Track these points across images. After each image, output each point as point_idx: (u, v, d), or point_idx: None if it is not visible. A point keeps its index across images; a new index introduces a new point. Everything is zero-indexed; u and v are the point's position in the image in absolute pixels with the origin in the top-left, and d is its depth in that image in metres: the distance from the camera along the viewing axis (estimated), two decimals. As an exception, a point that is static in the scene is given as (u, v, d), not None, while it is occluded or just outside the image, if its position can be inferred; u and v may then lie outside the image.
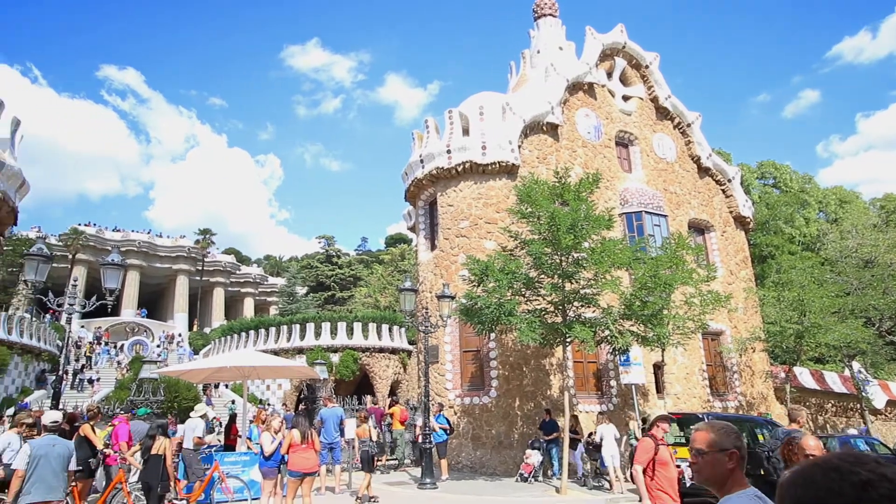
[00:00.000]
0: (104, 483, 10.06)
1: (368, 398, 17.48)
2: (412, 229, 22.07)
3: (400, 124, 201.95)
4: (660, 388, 17.35)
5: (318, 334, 32.16)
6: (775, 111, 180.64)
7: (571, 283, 12.80)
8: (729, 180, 22.63)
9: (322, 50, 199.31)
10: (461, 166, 17.14)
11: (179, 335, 50.37)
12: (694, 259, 16.74)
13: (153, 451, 7.82)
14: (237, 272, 66.34)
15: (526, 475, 13.26)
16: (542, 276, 12.89)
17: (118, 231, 57.83)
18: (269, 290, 68.45)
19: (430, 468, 12.49)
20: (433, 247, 18.22)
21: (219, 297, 63.10)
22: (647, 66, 22.09)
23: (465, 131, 17.72)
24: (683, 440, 11.46)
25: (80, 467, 8.72)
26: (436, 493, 11.97)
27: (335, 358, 30.21)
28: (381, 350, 32.10)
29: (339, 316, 35.62)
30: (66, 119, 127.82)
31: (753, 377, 20.28)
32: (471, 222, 16.82)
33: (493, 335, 14.82)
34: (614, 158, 20.08)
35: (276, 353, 28.46)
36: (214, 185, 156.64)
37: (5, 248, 15.81)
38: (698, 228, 21.52)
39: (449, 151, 17.34)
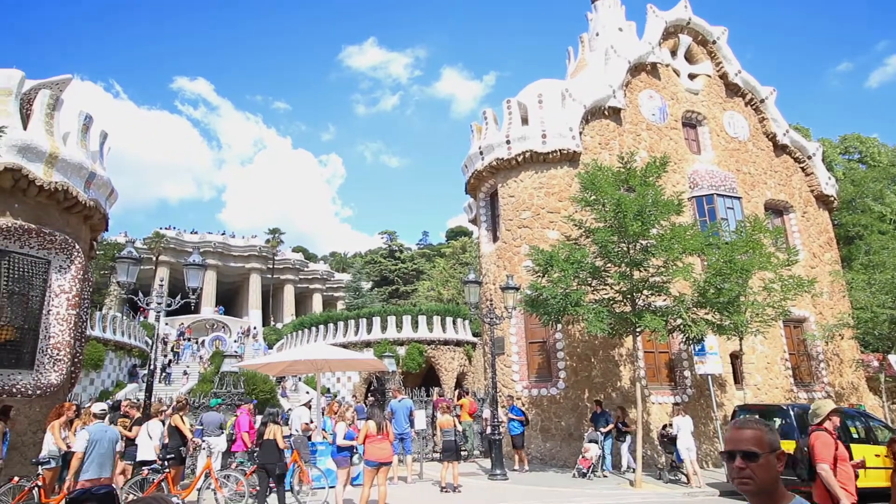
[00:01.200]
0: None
1: (436, 390, 17.64)
2: (473, 222, 22.07)
3: (457, 118, 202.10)
4: (738, 379, 16.60)
5: (384, 328, 32.83)
6: (858, 81, 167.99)
7: (640, 272, 12.44)
8: (809, 157, 21.25)
9: (378, 48, 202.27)
10: (521, 156, 16.96)
11: (254, 329, 52.73)
12: (772, 242, 15.89)
13: (266, 437, 8.62)
14: (305, 269, 68.63)
15: (584, 470, 12.72)
16: (609, 264, 12.60)
17: (195, 233, 61.07)
18: (335, 285, 70.42)
19: (499, 459, 12.51)
20: (495, 238, 18.16)
21: (289, 293, 65.53)
22: (713, 42, 21.05)
23: (524, 120, 17.51)
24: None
25: (172, 454, 9.34)
26: (507, 484, 11.99)
27: (401, 351, 30.75)
28: (446, 342, 32.38)
29: (403, 309, 36.22)
30: (145, 129, 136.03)
31: (842, 366, 19.04)
32: (533, 212, 16.63)
33: (559, 326, 14.63)
34: (682, 140, 19.29)
35: (344, 346, 29.26)
36: (281, 186, 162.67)
37: (98, 252, 17.07)
38: (776, 210, 20.36)
39: (508, 142, 17.20)
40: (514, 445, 13.94)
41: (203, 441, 10.63)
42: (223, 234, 63.80)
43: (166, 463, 8.89)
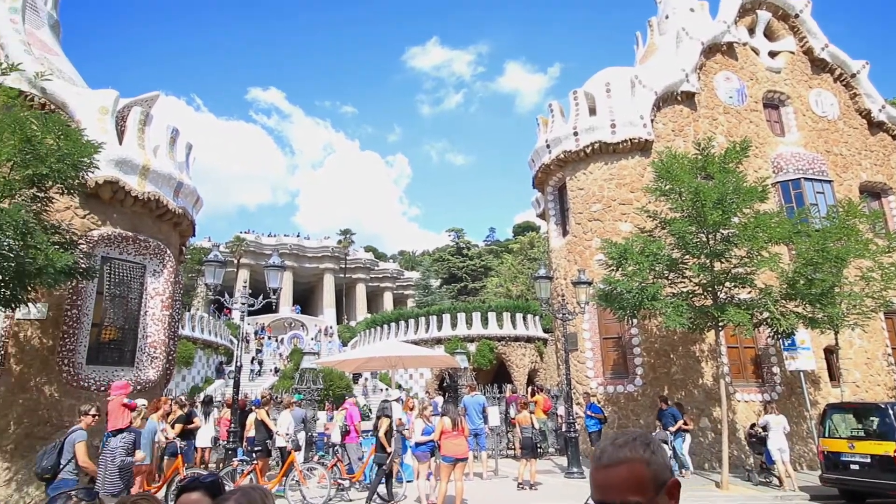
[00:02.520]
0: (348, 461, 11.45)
1: (508, 387, 17.61)
2: (541, 216, 21.78)
3: (521, 112, 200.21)
4: (834, 375, 15.48)
5: (454, 325, 33.06)
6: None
7: (721, 263, 11.85)
8: (910, 134, 19.48)
9: (441, 47, 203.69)
10: (590, 147, 16.55)
11: (330, 328, 54.53)
12: (870, 228, 14.71)
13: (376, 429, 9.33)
14: (376, 268, 70.20)
15: None
16: (688, 256, 12.08)
17: (273, 236, 63.87)
18: (405, 283, 71.60)
19: (576, 457, 12.31)
20: (565, 232, 17.85)
21: (361, 292, 67.27)
22: (796, 16, 19.69)
23: (592, 111, 17.07)
24: (862, 433, 10.18)
25: (260, 447, 9.82)
26: (584, 482, 11.78)
27: (472, 347, 30.84)
28: (517, 339, 32.18)
29: (472, 306, 36.30)
30: (224, 139, 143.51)
31: (955, 361, 17.35)
32: (603, 205, 16.21)
33: (635, 321, 14.18)
34: (763, 122, 18.20)
35: (415, 343, 29.68)
36: (350, 188, 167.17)
37: (186, 256, 18.17)
38: (872, 193, 18.81)
39: (576, 133, 16.83)
40: (592, 443, 13.68)
41: (287, 435, 11.11)
42: (298, 236, 66.39)
43: (254, 455, 9.36)
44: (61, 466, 6.45)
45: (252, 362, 35.90)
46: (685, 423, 12.72)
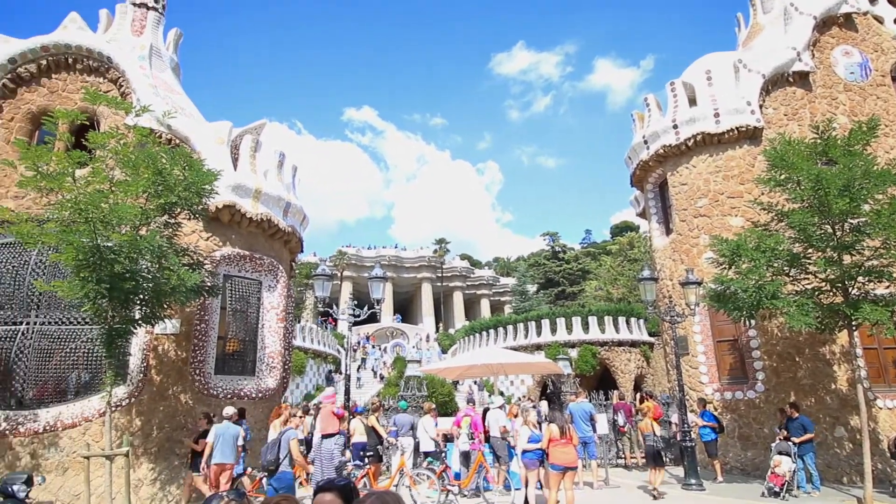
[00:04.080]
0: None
1: (614, 393, 17.00)
2: (641, 215, 20.90)
3: (613, 109, 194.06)
4: None
5: (553, 330, 32.51)
6: None
7: (852, 256, 10.74)
8: None
9: (527, 51, 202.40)
10: (691, 140, 15.69)
11: (428, 336, 55.56)
12: None
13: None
14: (472, 276, 70.71)
15: (776, 488, 10.62)
16: (811, 250, 11.08)
17: (372, 249, 66.36)
18: (501, 290, 71.49)
19: (694, 468, 11.63)
20: (668, 231, 17.00)
21: (458, 299, 68.02)
22: (929, -25, 17.53)
23: (692, 101, 16.18)
24: None
25: (371, 452, 10.18)
26: (704, 495, 11.09)
27: (573, 353, 30.16)
28: (620, 343, 31.07)
29: (572, 311, 35.55)
30: (323, 159, 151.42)
31: None
32: (710, 199, 15.28)
33: (752, 322, 13.20)
34: (893, 97, 16.34)
35: (514, 349, 29.50)
36: (443, 197, 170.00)
37: (295, 271, 19.33)
38: None
39: (675, 126, 16.03)
40: (708, 454, 12.87)
41: (397, 441, 11.44)
42: (395, 247, 68.47)
43: (366, 460, 9.73)
44: (280, 460, 7.66)
45: (358, 370, 37.35)
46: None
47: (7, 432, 10.17)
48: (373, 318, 41.30)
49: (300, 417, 12.39)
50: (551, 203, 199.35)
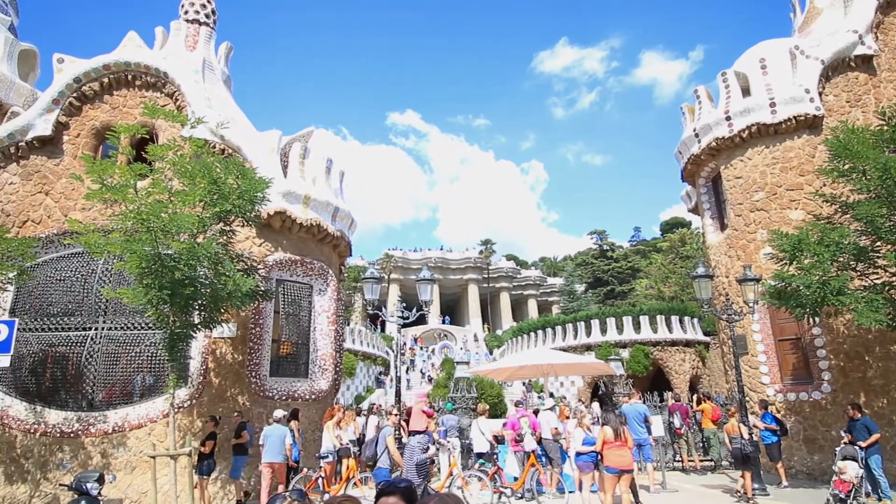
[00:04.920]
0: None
1: (669, 394, 16.51)
2: (693, 211, 20.24)
3: (661, 103, 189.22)
4: None
5: (603, 330, 31.91)
6: None
7: (926, 248, 10.10)
8: None
9: (571, 47, 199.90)
10: (745, 132, 15.09)
11: (476, 336, 55.51)
12: None
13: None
14: (518, 276, 70.21)
15: (843, 495, 9.82)
16: (879, 243, 10.49)
17: (418, 251, 66.83)
18: (548, 290, 70.69)
19: (757, 472, 11.16)
20: (723, 226, 16.40)
21: (505, 300, 67.66)
22: None
23: (746, 91, 15.56)
24: None
25: (423, 455, 10.22)
26: (767, 500, 10.63)
27: (624, 353, 29.51)
28: (674, 343, 30.21)
29: (622, 310, 34.82)
30: (369, 163, 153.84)
31: None
32: (767, 192, 14.65)
33: (817, 319, 12.57)
34: (969, 78, 15.26)
35: (564, 350, 29.10)
36: (487, 198, 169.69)
37: (344, 275, 19.66)
38: None
39: (728, 118, 15.46)
40: (770, 457, 12.33)
41: (447, 441, 11.47)
42: (441, 249, 68.71)
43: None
44: (378, 455, 8.12)
45: (407, 372, 37.66)
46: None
47: (80, 432, 10.76)
48: (421, 320, 41.62)
49: (354, 420, 12.57)
50: (598, 201, 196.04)
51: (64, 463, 10.62)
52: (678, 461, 15.28)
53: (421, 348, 47.67)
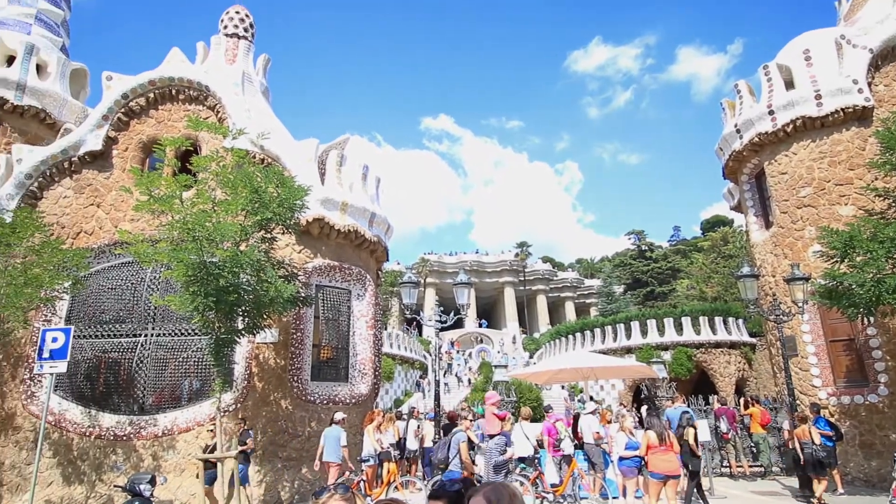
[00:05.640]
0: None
1: (715, 398, 16.04)
2: (736, 209, 19.67)
3: (699, 100, 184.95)
4: None
5: (643, 332, 31.30)
6: None
7: None
8: None
9: (604, 46, 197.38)
10: (790, 126, 14.60)
11: (515, 338, 55.19)
12: None
13: (684, 438, 9.65)
14: (555, 278, 69.50)
15: None
16: (939, 238, 9.97)
17: (453, 255, 66.86)
18: (586, 292, 69.73)
19: (806, 480, 10.75)
20: (768, 224, 15.89)
21: (541, 303, 67.04)
22: None
23: (789, 84, 15.07)
24: None
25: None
26: (824, 508, 10.22)
27: (666, 355, 28.85)
28: (718, 345, 29.39)
29: (663, 312, 34.09)
30: (403, 169, 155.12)
31: None
32: (815, 188, 14.13)
33: (871, 319, 12.03)
34: None
35: (603, 353, 28.66)
36: (522, 200, 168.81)
37: (381, 279, 19.86)
38: None
39: (771, 112, 14.99)
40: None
41: (482, 444, 11.41)
42: (476, 252, 68.58)
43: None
44: (450, 459, 8.18)
45: (444, 376, 37.70)
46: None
47: (131, 435, 11.15)
48: (457, 324, 41.64)
49: (393, 423, 12.65)
50: (635, 201, 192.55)
51: (118, 465, 11.03)
52: (726, 467, 14.84)
53: (458, 352, 47.65)
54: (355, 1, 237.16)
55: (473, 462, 9.21)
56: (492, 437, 8.78)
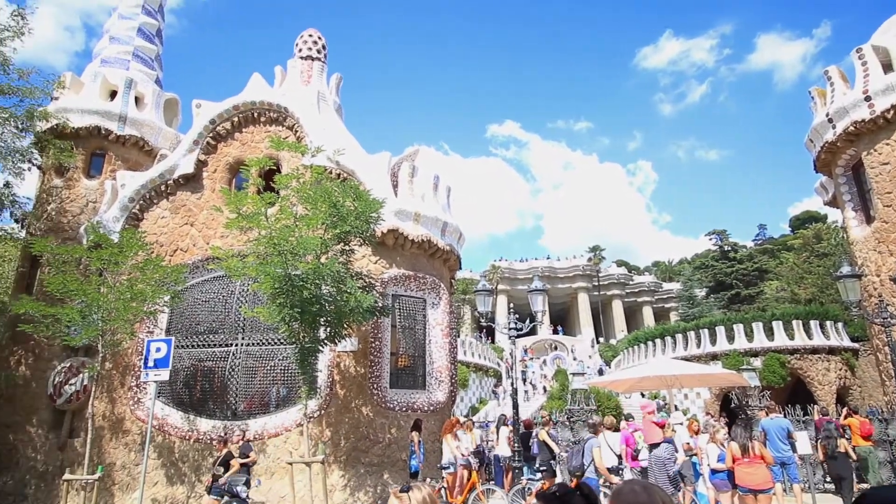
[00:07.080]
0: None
1: (815, 408, 14.94)
2: (831, 204, 18.34)
3: (782, 89, 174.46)
4: None
5: (730, 338, 29.66)
6: None
7: None
8: None
9: (676, 40, 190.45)
10: (890, 112, 13.51)
11: (593, 342, 53.89)
12: None
13: (838, 449, 9.77)
14: (630, 283, 67.32)
15: None
16: None
17: (524, 261, 66.28)
18: (664, 296, 67.05)
19: (850, 491, 9.80)
20: (869, 219, 14.72)
21: (617, 308, 65.09)
22: None
23: (887, 67, 13.96)
24: None
25: (545, 468, 10.09)
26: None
27: (756, 362, 27.19)
28: (815, 351, 27.37)
29: (750, 316, 32.19)
30: (472, 177, 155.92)
31: None
32: (923, 178, 12.97)
33: None
34: None
35: (686, 360, 27.41)
36: (593, 203, 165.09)
37: (454, 288, 20.04)
38: None
39: (868, 98, 13.92)
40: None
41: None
42: (547, 258, 67.65)
43: (541, 474, 9.66)
44: (585, 466, 8.19)
45: (523, 383, 37.33)
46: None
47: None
48: (531, 331, 41.19)
49: (471, 431, 12.68)
50: (715, 199, 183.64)
51: (259, 481, 11.62)
52: (829, 482, 13.75)
53: (531, 359, 47.08)
54: (417, 9, 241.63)
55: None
56: (654, 446, 8.67)
